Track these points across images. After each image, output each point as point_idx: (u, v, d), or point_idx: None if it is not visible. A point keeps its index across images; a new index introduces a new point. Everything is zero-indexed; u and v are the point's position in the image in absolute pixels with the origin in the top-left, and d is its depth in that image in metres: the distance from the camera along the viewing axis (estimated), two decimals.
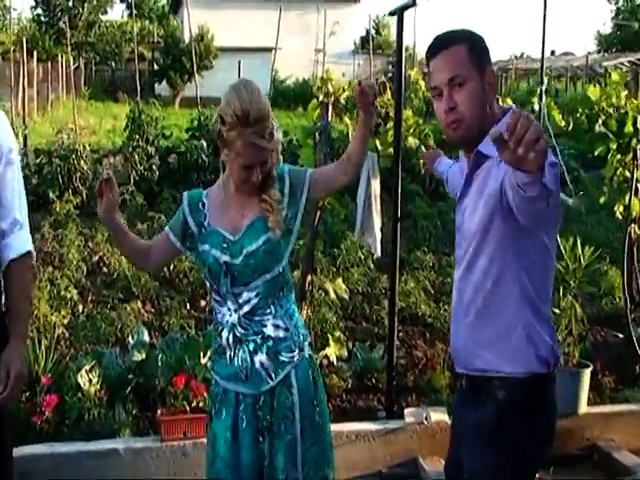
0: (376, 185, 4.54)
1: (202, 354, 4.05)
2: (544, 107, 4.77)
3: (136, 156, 10.17)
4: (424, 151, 3.38)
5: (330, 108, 4.86)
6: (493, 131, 1.54)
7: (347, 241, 7.22)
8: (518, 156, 1.51)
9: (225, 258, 2.38)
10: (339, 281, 5.03)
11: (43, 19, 37.42)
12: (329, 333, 4.78)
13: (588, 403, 4.24)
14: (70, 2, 36.79)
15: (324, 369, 4.48)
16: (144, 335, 4.58)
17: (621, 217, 5.57)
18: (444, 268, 6.79)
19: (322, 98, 4.97)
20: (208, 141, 10.38)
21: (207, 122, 10.54)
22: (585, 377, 4.19)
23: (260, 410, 2.43)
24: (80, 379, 3.84)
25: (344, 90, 5.72)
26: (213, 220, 2.46)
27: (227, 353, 2.47)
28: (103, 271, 6.79)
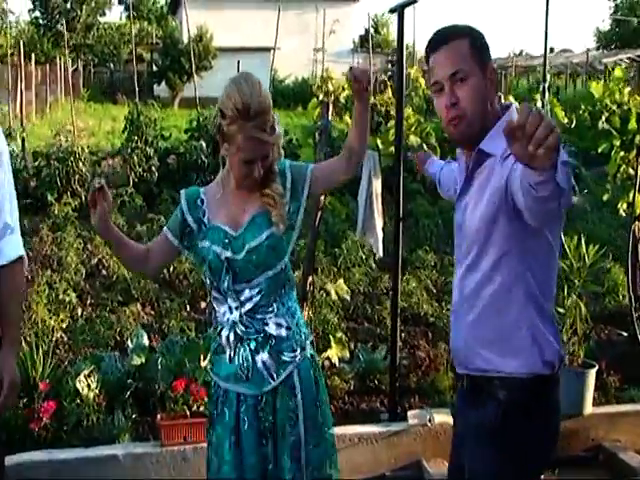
0: (377, 184, 4.49)
1: (202, 357, 4.00)
2: (547, 104, 4.72)
3: (135, 157, 10.13)
4: (415, 153, 3.31)
5: (330, 107, 4.80)
6: (507, 122, 1.49)
7: (348, 241, 7.18)
8: (529, 152, 1.46)
9: (227, 254, 2.33)
10: (340, 282, 4.98)
11: (41, 22, 37.46)
12: (331, 334, 4.73)
13: (593, 403, 4.20)
14: (68, 4, 36.84)
15: (326, 371, 4.43)
16: (143, 339, 4.52)
17: (625, 214, 5.53)
18: (446, 267, 6.74)
19: (322, 97, 4.93)
20: (207, 142, 10.34)
21: (206, 123, 10.48)
22: (590, 377, 4.14)
23: (262, 411, 2.38)
24: (79, 384, 3.78)
25: (344, 89, 5.68)
26: (213, 216, 2.40)
27: (227, 352, 2.41)
28: (102, 274, 6.74)
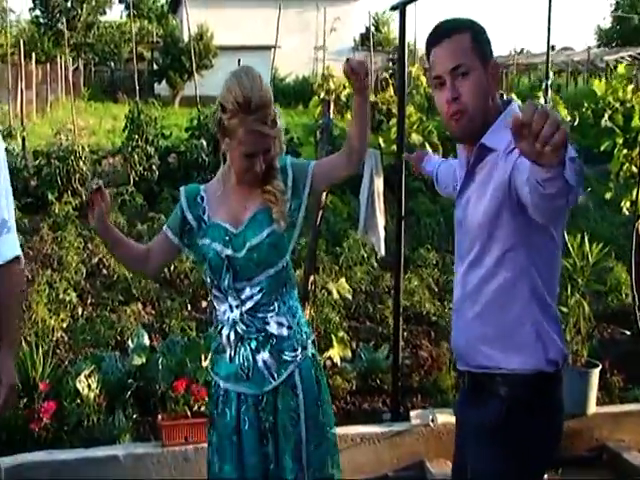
0: (379, 183, 4.46)
1: (203, 357, 3.97)
2: (550, 101, 4.69)
3: (135, 156, 10.10)
4: (408, 154, 3.26)
5: (332, 105, 4.78)
6: (513, 118, 1.44)
7: (350, 239, 7.15)
8: (536, 150, 1.43)
9: (227, 252, 2.30)
10: (342, 281, 4.95)
11: (42, 21, 37.43)
12: (332, 334, 4.70)
13: (597, 403, 4.17)
14: (69, 3, 36.80)
15: (328, 370, 4.41)
16: (144, 338, 4.50)
17: (628, 213, 5.50)
18: (448, 266, 6.70)
19: (323, 95, 4.91)
20: (208, 140, 10.31)
21: (207, 121, 10.45)
22: (594, 377, 4.12)
23: (263, 411, 2.35)
24: (79, 384, 3.76)
25: (345, 87, 5.66)
26: (213, 213, 2.37)
27: (227, 352, 2.38)
28: (103, 273, 6.71)
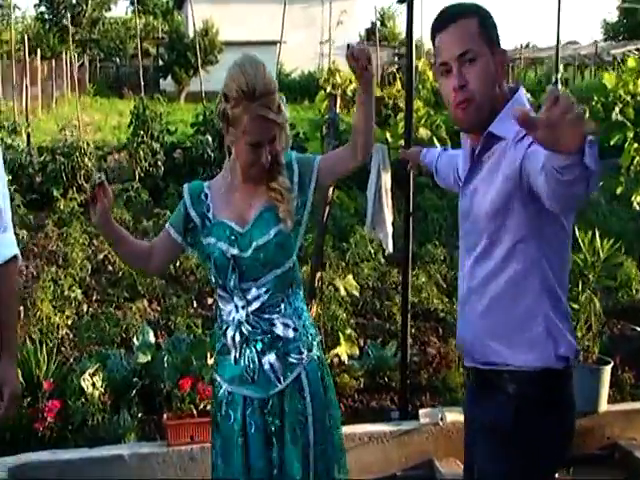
0: (387, 178, 4.38)
1: (209, 355, 3.93)
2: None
3: (141, 152, 10.06)
4: (404, 150, 3.20)
5: (338, 100, 4.71)
6: (517, 110, 1.38)
7: (357, 235, 7.09)
8: (554, 138, 1.36)
9: (233, 251, 2.24)
10: (349, 277, 4.88)
11: (47, 17, 37.46)
12: (340, 331, 4.65)
13: (608, 401, 4.11)
14: None
15: (335, 368, 4.36)
16: (149, 336, 4.45)
17: (639, 207, 5.43)
18: (456, 261, 6.54)
19: (329, 90, 4.84)
20: (213, 136, 10.26)
21: (212, 117, 10.40)
22: (605, 374, 4.05)
23: (269, 414, 2.30)
24: (83, 383, 3.72)
25: (351, 82, 5.59)
26: (218, 211, 2.31)
27: (232, 353, 2.33)
28: (108, 269, 6.67)
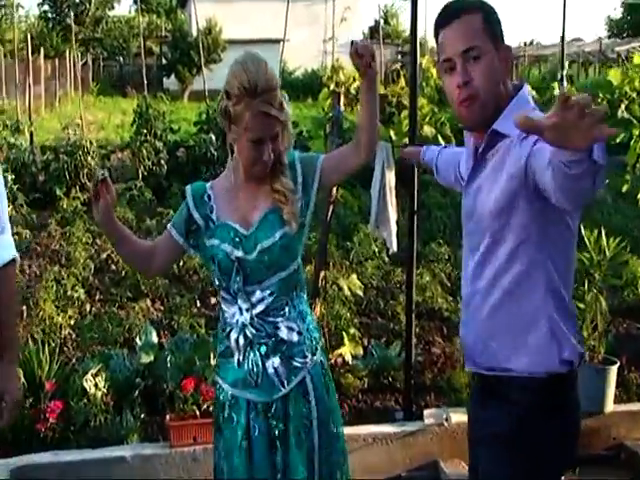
0: (391, 176, 4.34)
1: (212, 355, 3.90)
2: (566, 92, 4.57)
3: (144, 151, 10.04)
4: (403, 149, 3.14)
5: (341, 97, 4.67)
6: (517, 117, 1.35)
7: (360, 234, 7.05)
8: (565, 138, 1.33)
9: (238, 253, 2.20)
10: (353, 277, 4.85)
11: (50, 16, 37.47)
12: (343, 330, 4.61)
13: (614, 401, 4.07)
14: None
15: (339, 368, 4.33)
16: (152, 336, 4.43)
17: None
18: (460, 260, 6.57)
19: (333, 87, 4.80)
20: (217, 134, 10.23)
21: (216, 115, 10.35)
22: (611, 374, 4.02)
23: (272, 418, 2.26)
24: (86, 383, 3.70)
25: (354, 80, 5.57)
26: (221, 213, 2.28)
27: (235, 356, 2.30)
28: (111, 269, 6.64)
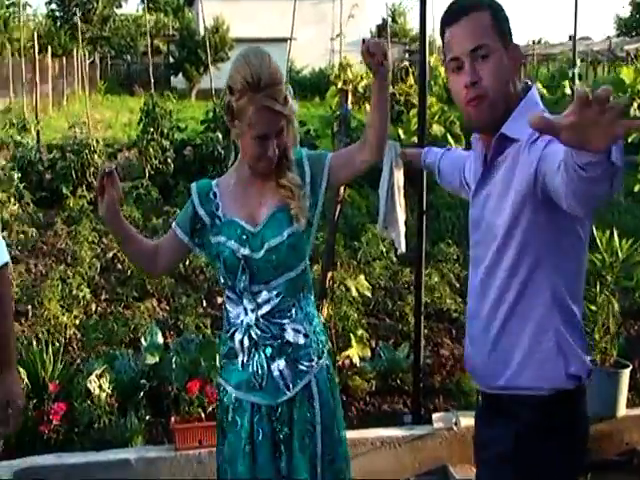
0: (399, 176, 4.26)
1: (218, 356, 3.85)
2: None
3: (151, 150, 9.98)
4: (403, 150, 3.10)
5: (349, 95, 4.61)
6: (531, 117, 1.25)
7: (368, 234, 6.98)
8: (584, 138, 1.24)
9: (244, 251, 2.15)
10: (361, 278, 4.78)
11: (58, 14, 37.56)
12: (351, 332, 4.55)
13: (627, 405, 4.01)
14: None
15: (346, 370, 4.27)
16: (157, 336, 4.38)
17: None
18: (469, 260, 6.50)
19: (340, 85, 4.74)
20: (223, 133, 10.18)
21: (222, 113, 10.32)
22: (624, 377, 3.95)
23: (277, 421, 2.21)
24: (90, 385, 3.65)
25: (362, 78, 5.50)
26: (227, 209, 2.22)
27: (239, 358, 2.23)
28: (117, 268, 6.59)
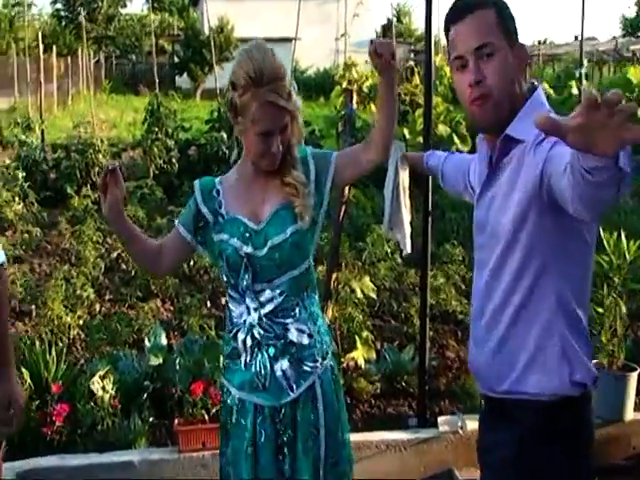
0: (405, 176, 4.23)
1: (222, 357, 3.82)
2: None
3: (155, 149, 9.97)
4: (405, 153, 3.07)
5: (354, 95, 4.58)
6: (537, 118, 1.20)
7: (373, 235, 6.94)
8: (591, 141, 1.20)
9: (247, 249, 2.12)
10: (366, 279, 4.75)
11: (63, 14, 37.62)
12: (356, 334, 4.52)
13: (634, 408, 3.97)
14: None
15: (351, 372, 4.24)
16: (161, 337, 4.36)
17: None
18: (474, 262, 6.46)
19: (345, 85, 4.71)
20: (228, 132, 10.16)
21: (227, 112, 10.30)
22: (631, 381, 3.91)
23: (280, 423, 2.18)
24: (93, 386, 3.63)
25: (367, 78, 5.47)
26: (230, 207, 2.20)
27: (242, 358, 2.21)
28: (121, 268, 6.57)
